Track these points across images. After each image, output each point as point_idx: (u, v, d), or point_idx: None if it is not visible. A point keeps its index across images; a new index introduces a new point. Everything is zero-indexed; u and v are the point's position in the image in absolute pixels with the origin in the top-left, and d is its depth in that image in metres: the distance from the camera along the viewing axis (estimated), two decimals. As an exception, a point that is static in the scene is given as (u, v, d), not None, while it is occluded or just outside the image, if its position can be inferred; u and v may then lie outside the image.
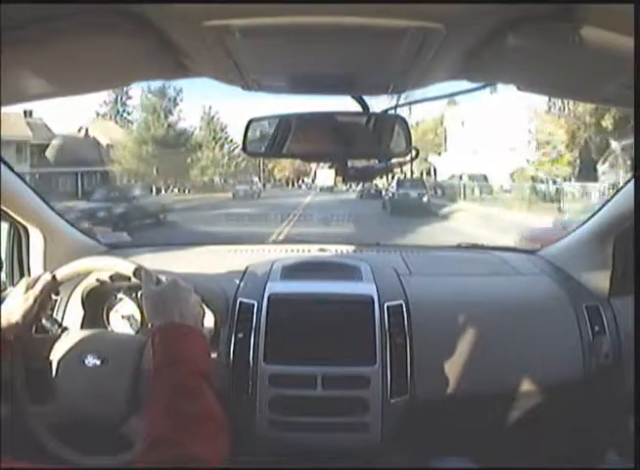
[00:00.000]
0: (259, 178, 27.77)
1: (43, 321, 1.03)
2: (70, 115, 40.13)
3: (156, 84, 24.64)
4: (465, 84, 0.79)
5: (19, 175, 1.20)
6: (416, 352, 1.16)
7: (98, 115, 28.38)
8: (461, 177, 17.97)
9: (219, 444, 0.68)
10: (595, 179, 14.10)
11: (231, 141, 28.39)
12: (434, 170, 23.11)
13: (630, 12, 0.44)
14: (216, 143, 27.92)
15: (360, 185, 17.12)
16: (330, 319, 1.17)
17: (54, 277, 0.98)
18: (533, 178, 16.55)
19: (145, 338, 0.96)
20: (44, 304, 0.98)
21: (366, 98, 0.86)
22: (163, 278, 0.90)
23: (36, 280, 0.95)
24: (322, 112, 0.89)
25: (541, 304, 1.31)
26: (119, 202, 11.49)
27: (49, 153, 22.02)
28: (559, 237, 1.55)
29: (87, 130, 25.25)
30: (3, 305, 0.93)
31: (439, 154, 23.37)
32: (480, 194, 17.01)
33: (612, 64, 0.55)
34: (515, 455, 1.23)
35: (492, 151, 18.42)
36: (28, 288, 0.94)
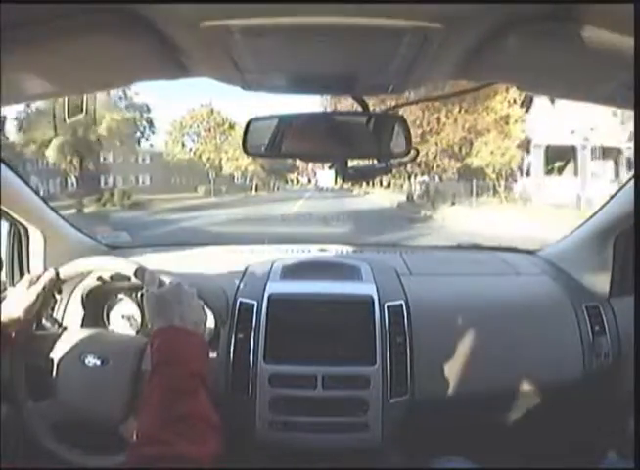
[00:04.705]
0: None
1: (44, 321, 1.03)
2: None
3: None
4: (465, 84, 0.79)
5: (19, 175, 1.20)
6: (416, 352, 1.16)
7: None
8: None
9: (210, 444, 0.68)
10: None
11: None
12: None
13: (630, 12, 0.44)
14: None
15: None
16: (330, 319, 1.17)
17: (57, 275, 0.98)
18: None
19: (145, 339, 0.96)
20: (46, 301, 0.98)
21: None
22: (167, 280, 0.90)
23: (39, 277, 0.96)
24: (322, 112, 0.89)
25: (541, 304, 1.30)
26: None
27: None
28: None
29: None
30: (5, 301, 0.93)
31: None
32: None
33: (612, 64, 0.55)
34: (515, 455, 1.23)
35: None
36: (31, 284, 0.94)
